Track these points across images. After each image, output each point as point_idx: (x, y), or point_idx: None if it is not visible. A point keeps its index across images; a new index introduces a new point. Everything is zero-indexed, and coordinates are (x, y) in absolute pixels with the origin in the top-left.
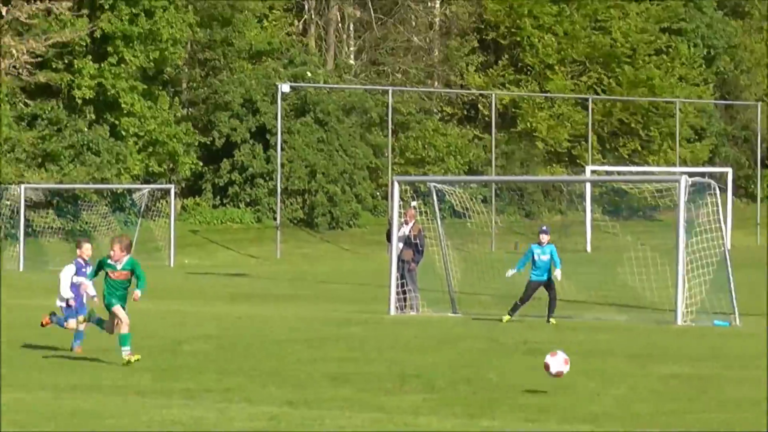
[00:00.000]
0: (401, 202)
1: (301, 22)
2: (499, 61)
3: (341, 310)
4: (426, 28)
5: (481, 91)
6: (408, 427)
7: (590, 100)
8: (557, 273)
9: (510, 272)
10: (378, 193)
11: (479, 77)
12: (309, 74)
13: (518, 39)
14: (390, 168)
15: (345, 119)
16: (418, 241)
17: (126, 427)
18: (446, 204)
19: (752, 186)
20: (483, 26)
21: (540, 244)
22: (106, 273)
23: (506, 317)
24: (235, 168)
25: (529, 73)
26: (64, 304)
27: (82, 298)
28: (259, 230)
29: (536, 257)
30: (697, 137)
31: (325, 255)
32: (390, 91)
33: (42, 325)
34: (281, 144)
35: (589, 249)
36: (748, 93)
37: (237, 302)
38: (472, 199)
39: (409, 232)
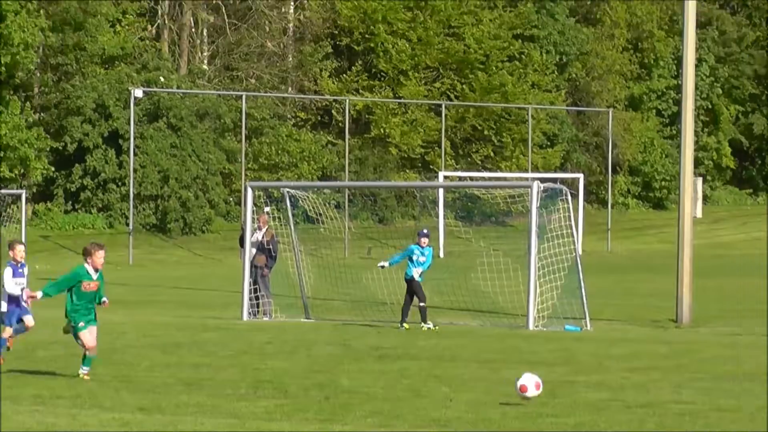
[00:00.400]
0: (254, 208)
1: (155, 27)
2: (353, 67)
3: (195, 315)
4: (280, 33)
5: (335, 97)
6: None
7: (443, 106)
8: (417, 271)
9: (382, 263)
10: (231, 199)
11: (333, 83)
12: (162, 79)
13: (372, 45)
14: (243, 173)
15: (198, 124)
16: (271, 246)
17: None
18: (299, 209)
19: (603, 192)
20: (337, 32)
21: (420, 245)
22: (78, 285)
23: (424, 326)
24: (87, 173)
25: (382, 78)
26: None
27: (23, 302)
28: (112, 236)
29: (415, 258)
30: (549, 143)
31: (178, 261)
32: (244, 97)
33: None
34: (134, 149)
35: (442, 254)
36: (599, 99)
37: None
38: (325, 205)
39: (262, 237)
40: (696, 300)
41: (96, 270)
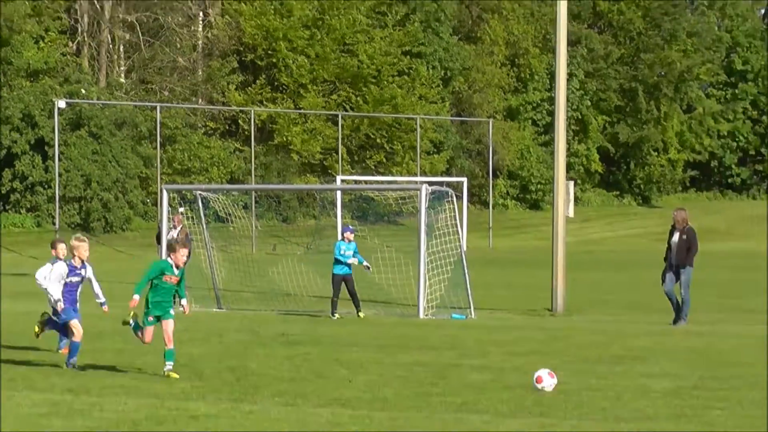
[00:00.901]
0: (169, 208)
1: (75, 43)
2: (257, 81)
3: (115, 306)
4: (190, 49)
5: (241, 108)
6: (179, 411)
7: (340, 117)
8: (353, 261)
9: (353, 260)
10: (148, 200)
11: (239, 95)
12: (83, 91)
13: (274, 60)
14: (159, 177)
15: (117, 133)
16: None
17: None
18: (211, 210)
19: (485, 194)
20: (242, 48)
21: (345, 241)
22: (160, 278)
23: (335, 316)
24: (16, 177)
25: (284, 91)
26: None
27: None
28: (39, 234)
29: (343, 252)
30: (435, 150)
31: (100, 256)
32: (158, 108)
33: (37, 336)
34: (59, 155)
35: None
36: (480, 110)
37: (21, 299)
38: (233, 206)
39: (177, 235)
40: (569, 291)
41: (177, 266)
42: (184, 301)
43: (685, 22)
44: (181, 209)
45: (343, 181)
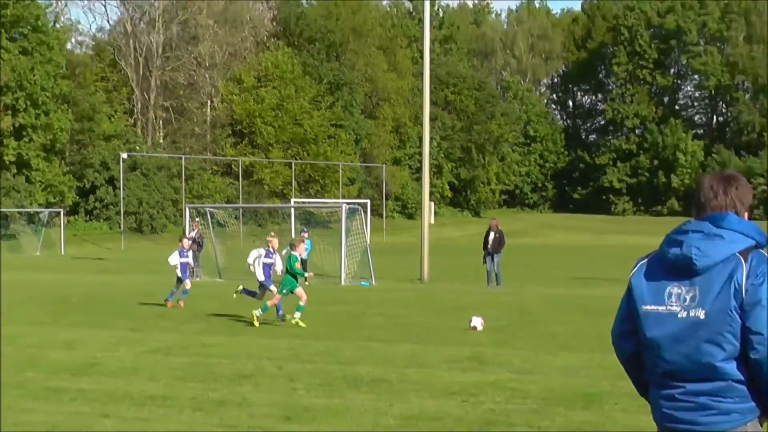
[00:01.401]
0: (190, 219)
1: (132, 119)
2: (243, 141)
3: (163, 277)
4: (202, 123)
5: (233, 158)
6: (197, 342)
7: (293, 164)
8: (309, 274)
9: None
10: (177, 214)
11: (232, 150)
12: (137, 148)
13: (253, 129)
14: (183, 200)
15: (158, 173)
16: (199, 239)
17: None
18: (214, 219)
19: (380, 210)
20: (234, 122)
21: (302, 238)
22: (293, 265)
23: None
24: (97, 200)
25: (259, 147)
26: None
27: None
28: (111, 234)
29: (296, 266)
30: (350, 183)
31: (148, 248)
32: (183, 158)
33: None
34: (123, 186)
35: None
36: (378, 159)
37: (109, 274)
38: (228, 217)
39: (195, 234)
40: (431, 268)
41: (299, 255)
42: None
43: (499, 107)
44: (197, 219)
45: (295, 202)
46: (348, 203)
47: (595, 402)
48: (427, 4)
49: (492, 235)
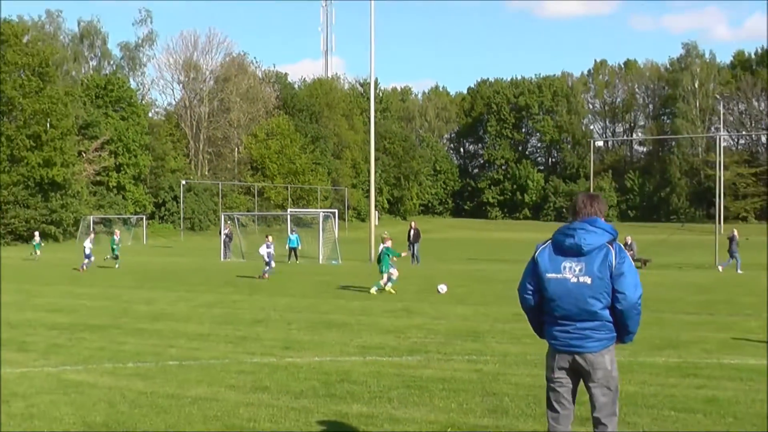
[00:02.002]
0: (224, 222)
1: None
2: (257, 173)
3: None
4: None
5: (251, 184)
6: (230, 299)
7: (288, 188)
8: (297, 246)
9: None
10: (216, 218)
11: (253, 179)
12: (191, 178)
13: (264, 169)
14: (221, 210)
15: (203, 195)
16: (230, 233)
17: None
18: (240, 222)
19: (344, 215)
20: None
21: (294, 233)
22: (388, 255)
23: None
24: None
25: (271, 180)
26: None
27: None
28: (174, 233)
29: (294, 238)
30: (325, 199)
31: (198, 241)
32: (219, 185)
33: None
34: (182, 205)
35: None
36: (343, 184)
37: (193, 255)
38: (250, 221)
39: (228, 231)
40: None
41: (389, 247)
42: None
43: (417, 152)
44: (228, 222)
45: (290, 211)
46: (323, 212)
47: (480, 337)
48: (372, 88)
49: (412, 231)
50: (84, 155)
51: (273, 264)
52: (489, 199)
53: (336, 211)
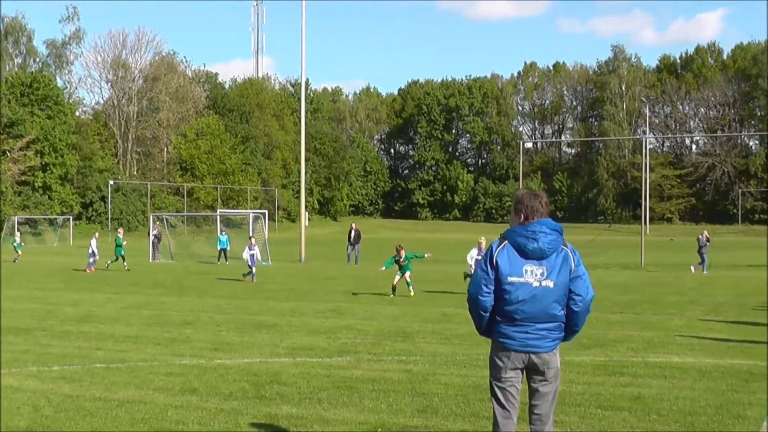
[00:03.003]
0: (153, 222)
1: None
2: (186, 174)
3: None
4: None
5: (180, 184)
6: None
7: (219, 188)
8: (227, 247)
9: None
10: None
11: (182, 180)
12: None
13: (193, 168)
14: (149, 210)
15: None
16: (158, 234)
17: None
18: (169, 223)
19: (274, 216)
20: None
21: (224, 234)
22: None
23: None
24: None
25: (200, 181)
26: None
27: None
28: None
29: (223, 241)
30: (255, 200)
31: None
32: (148, 185)
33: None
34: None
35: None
36: (274, 184)
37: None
38: (178, 222)
39: (156, 231)
40: (306, 253)
41: (402, 256)
42: (407, 274)
43: (348, 153)
44: (157, 223)
45: (220, 212)
46: (254, 213)
47: (409, 337)
48: (303, 88)
49: (353, 232)
50: (8, 154)
51: (254, 268)
52: (419, 199)
53: (266, 211)
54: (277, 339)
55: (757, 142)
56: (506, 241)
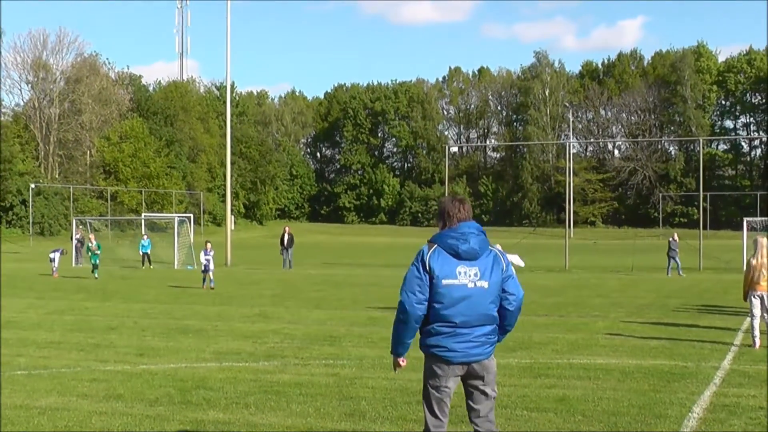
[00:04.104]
0: (78, 227)
1: None
2: (110, 178)
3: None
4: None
5: (104, 188)
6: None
7: (143, 192)
8: (147, 251)
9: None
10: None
11: (106, 184)
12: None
13: (117, 172)
14: (73, 214)
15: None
16: (81, 238)
17: None
18: (94, 226)
19: (203, 220)
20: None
21: (145, 238)
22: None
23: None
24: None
25: (126, 184)
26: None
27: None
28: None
29: (145, 246)
30: (180, 203)
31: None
32: (71, 189)
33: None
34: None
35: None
36: (199, 187)
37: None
38: (103, 226)
39: (79, 236)
40: (233, 257)
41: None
42: None
43: (274, 156)
44: (81, 227)
45: (144, 215)
46: (178, 216)
47: (336, 341)
48: (228, 91)
49: (286, 236)
50: None
51: (211, 273)
52: (345, 203)
53: (191, 215)
54: (204, 344)
55: (676, 147)
56: (436, 245)
